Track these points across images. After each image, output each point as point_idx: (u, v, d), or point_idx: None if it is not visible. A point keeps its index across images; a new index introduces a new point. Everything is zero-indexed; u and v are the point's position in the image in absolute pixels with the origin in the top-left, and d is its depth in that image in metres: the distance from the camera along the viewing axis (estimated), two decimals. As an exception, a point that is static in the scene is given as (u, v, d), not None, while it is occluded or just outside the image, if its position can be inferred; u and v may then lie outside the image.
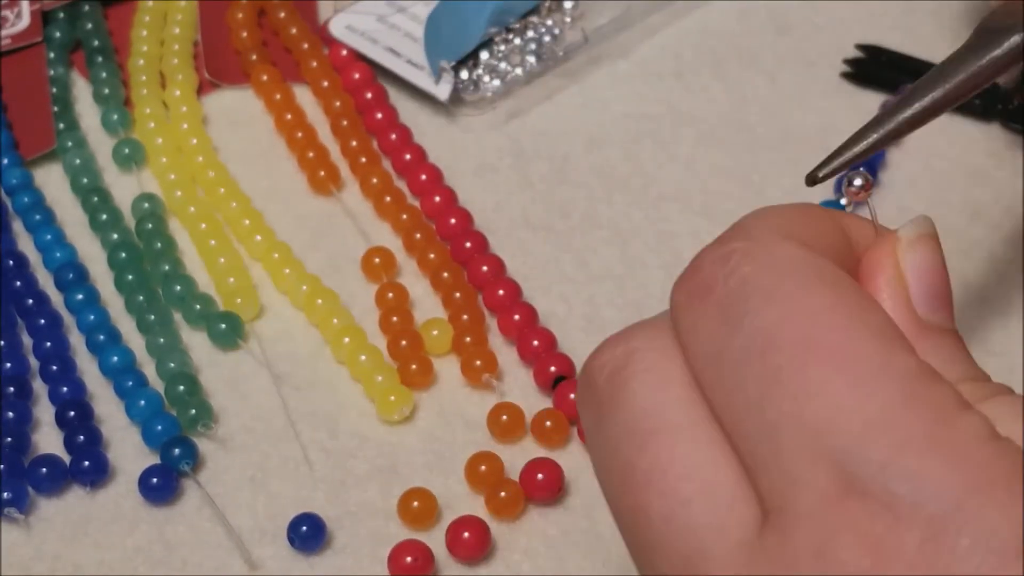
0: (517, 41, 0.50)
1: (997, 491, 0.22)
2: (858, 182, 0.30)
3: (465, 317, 0.43)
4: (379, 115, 0.49)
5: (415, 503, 0.39)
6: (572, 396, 0.41)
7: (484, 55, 0.50)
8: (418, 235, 0.45)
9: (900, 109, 0.34)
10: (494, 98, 0.49)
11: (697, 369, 0.26)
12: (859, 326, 0.24)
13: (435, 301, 0.44)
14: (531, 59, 0.50)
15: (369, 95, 0.49)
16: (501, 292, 0.43)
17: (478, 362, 0.42)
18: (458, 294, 0.44)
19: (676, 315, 0.26)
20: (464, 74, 0.49)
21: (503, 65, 0.50)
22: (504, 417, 0.41)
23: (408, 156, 0.48)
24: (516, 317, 0.43)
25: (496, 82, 0.49)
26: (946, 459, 0.22)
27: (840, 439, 0.23)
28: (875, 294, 0.27)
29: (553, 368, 0.41)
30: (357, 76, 0.50)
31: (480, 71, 0.50)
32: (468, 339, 0.43)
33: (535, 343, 0.42)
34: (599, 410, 0.26)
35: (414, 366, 0.42)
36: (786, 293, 0.25)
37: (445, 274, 0.44)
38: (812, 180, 0.32)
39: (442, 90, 0.49)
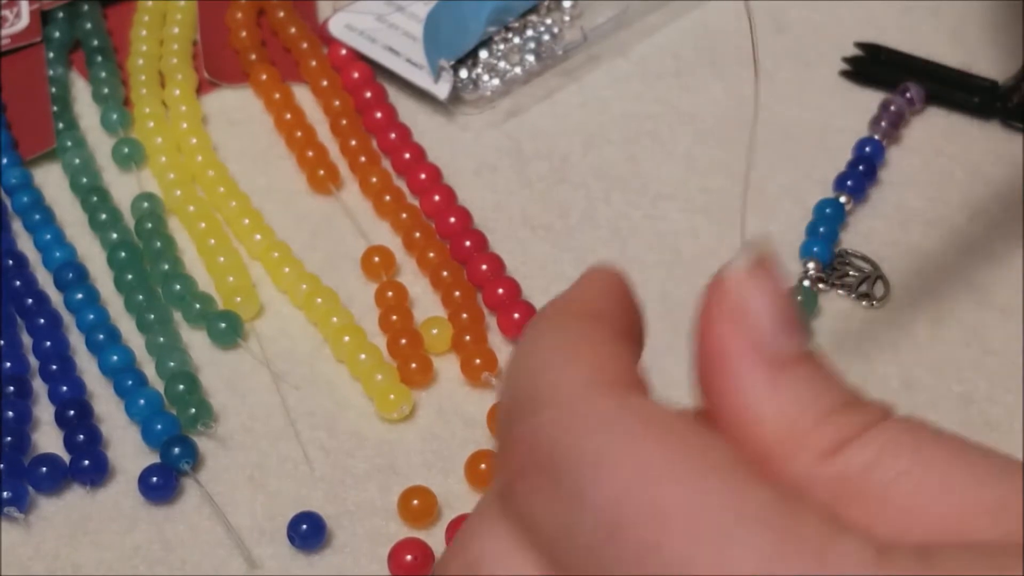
0: (516, 40, 0.50)
1: None
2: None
3: (464, 316, 0.43)
4: (378, 114, 0.49)
5: (415, 501, 0.39)
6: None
7: (483, 54, 0.50)
8: (417, 234, 0.45)
9: None
10: (493, 97, 0.50)
11: (552, 555, 0.23)
12: (702, 471, 0.22)
13: (434, 300, 0.44)
14: (530, 58, 0.50)
15: (368, 94, 0.49)
16: (500, 291, 0.43)
17: (478, 360, 0.42)
18: (457, 293, 0.44)
19: (509, 502, 0.24)
20: (463, 73, 0.49)
21: (502, 64, 0.50)
22: (504, 415, 0.41)
23: (407, 155, 0.48)
24: (516, 316, 0.43)
25: (495, 81, 0.49)
26: None
27: None
28: (722, 340, 0.25)
29: (552, 366, 0.41)
30: (356, 75, 0.50)
31: (479, 70, 0.50)
32: (468, 338, 0.43)
33: (534, 341, 0.42)
34: None
35: (413, 365, 0.42)
36: (616, 458, 0.23)
37: (444, 273, 0.44)
38: None
39: (441, 89, 0.49)
